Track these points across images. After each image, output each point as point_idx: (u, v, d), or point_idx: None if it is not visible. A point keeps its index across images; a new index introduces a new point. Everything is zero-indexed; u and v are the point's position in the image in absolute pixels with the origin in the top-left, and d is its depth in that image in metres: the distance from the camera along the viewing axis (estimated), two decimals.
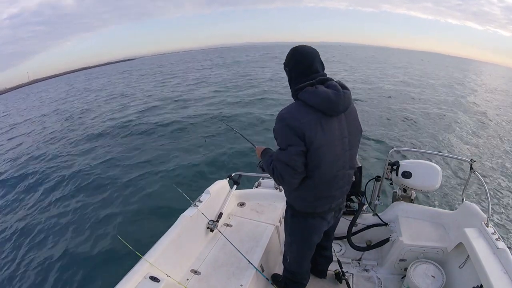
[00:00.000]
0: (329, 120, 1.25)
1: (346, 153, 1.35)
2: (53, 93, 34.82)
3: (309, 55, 1.30)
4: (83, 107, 17.21)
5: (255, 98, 13.36)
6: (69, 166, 7.79)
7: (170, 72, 35.33)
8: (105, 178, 6.61)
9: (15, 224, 5.36)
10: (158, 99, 15.73)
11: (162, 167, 6.76)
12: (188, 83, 21.36)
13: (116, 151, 8.42)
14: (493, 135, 8.83)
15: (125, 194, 5.70)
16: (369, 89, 15.28)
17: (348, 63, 35.54)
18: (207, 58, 61.49)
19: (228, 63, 40.50)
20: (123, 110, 13.86)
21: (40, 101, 27.59)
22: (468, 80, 26.08)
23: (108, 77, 43.30)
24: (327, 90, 1.21)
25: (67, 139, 10.70)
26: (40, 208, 5.84)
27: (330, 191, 1.41)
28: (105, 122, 12.03)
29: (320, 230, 1.57)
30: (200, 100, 14.16)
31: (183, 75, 28.58)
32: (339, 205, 1.55)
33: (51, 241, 4.64)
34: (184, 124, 10.05)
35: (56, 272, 3.89)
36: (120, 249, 3.73)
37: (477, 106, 13.33)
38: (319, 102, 1.21)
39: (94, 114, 14.38)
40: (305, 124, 1.21)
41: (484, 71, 51.08)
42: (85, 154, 8.58)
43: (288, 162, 1.25)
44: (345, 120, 1.31)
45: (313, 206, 1.44)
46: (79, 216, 5.22)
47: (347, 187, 1.49)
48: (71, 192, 6.26)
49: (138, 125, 10.63)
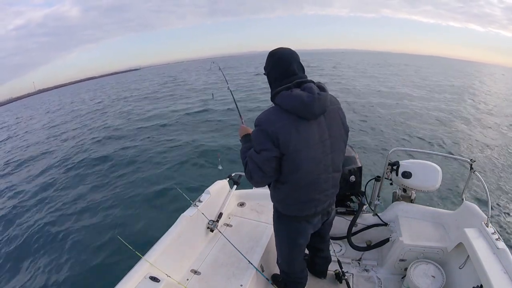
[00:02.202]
0: (306, 124, 1.23)
1: (328, 156, 1.33)
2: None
3: (286, 58, 1.29)
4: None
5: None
6: (67, 165, 7.79)
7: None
8: (105, 178, 6.61)
9: (13, 225, 5.36)
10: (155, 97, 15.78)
11: (162, 167, 6.76)
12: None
13: (115, 150, 8.42)
14: (494, 135, 8.83)
15: (125, 194, 5.70)
16: (378, 92, 15.32)
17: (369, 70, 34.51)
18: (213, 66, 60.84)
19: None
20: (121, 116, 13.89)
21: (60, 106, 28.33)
22: (475, 83, 25.96)
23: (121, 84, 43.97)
24: (301, 93, 1.20)
25: (68, 134, 10.71)
26: (39, 207, 5.84)
27: (313, 195, 1.39)
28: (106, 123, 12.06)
29: (305, 234, 1.56)
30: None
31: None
32: (326, 208, 1.52)
33: (51, 241, 4.63)
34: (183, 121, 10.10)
35: (56, 272, 3.88)
36: (120, 249, 3.72)
37: (478, 107, 13.34)
38: (292, 105, 1.20)
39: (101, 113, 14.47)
40: (279, 128, 1.21)
41: (493, 73, 50.62)
42: (84, 154, 8.59)
43: (260, 165, 1.26)
44: (325, 123, 1.28)
45: (296, 210, 1.44)
46: (79, 215, 5.22)
47: (332, 191, 1.46)
48: (70, 191, 6.26)
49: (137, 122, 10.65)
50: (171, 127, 10.40)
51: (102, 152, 8.51)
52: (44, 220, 5.28)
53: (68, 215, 5.31)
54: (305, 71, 1.32)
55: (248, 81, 23.16)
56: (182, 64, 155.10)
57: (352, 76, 25.21)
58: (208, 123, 10.21)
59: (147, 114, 13.27)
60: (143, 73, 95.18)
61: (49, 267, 3.99)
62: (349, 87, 17.42)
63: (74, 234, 4.67)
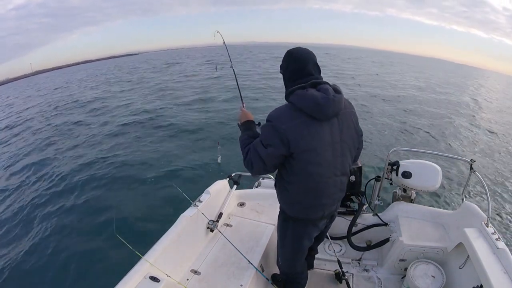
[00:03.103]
0: (319, 125, 1.23)
1: (338, 159, 1.32)
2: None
3: (303, 58, 1.30)
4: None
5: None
6: (65, 163, 7.77)
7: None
8: (104, 178, 6.60)
9: (10, 222, 5.35)
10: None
11: (163, 167, 6.75)
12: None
13: (114, 149, 8.41)
14: (494, 134, 8.83)
15: (125, 193, 5.70)
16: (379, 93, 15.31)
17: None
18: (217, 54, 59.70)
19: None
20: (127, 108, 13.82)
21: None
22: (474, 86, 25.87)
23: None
24: (316, 93, 1.20)
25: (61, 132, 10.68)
26: (38, 207, 5.83)
27: (321, 199, 1.38)
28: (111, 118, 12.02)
29: (311, 236, 1.56)
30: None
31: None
32: (332, 212, 1.51)
33: (50, 240, 4.62)
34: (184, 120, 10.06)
35: (56, 271, 3.88)
36: (120, 249, 3.71)
37: (479, 108, 13.33)
38: (306, 105, 1.20)
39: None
40: (290, 127, 1.21)
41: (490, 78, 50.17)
42: (83, 151, 8.57)
43: (263, 158, 1.27)
44: (338, 125, 1.28)
45: (305, 213, 1.43)
46: (79, 215, 5.21)
47: (339, 194, 1.45)
48: (70, 191, 6.25)
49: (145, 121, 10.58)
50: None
51: (101, 150, 8.50)
52: (42, 219, 5.28)
53: (67, 214, 5.30)
54: (321, 72, 1.32)
55: (248, 71, 22.98)
56: (183, 51, 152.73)
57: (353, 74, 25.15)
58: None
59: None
60: (141, 58, 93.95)
61: (48, 267, 3.98)
62: (350, 88, 17.39)
63: (73, 234, 4.67)
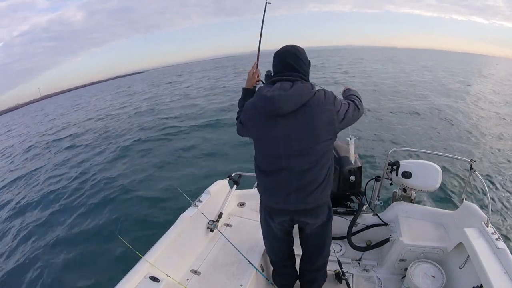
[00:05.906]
0: (270, 118, 1.28)
1: (293, 158, 1.29)
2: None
3: (278, 56, 1.35)
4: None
5: None
6: (69, 166, 7.80)
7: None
8: (104, 178, 6.61)
9: (14, 222, 5.36)
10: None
11: (163, 167, 6.76)
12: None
13: (115, 151, 8.42)
14: (494, 134, 8.82)
15: (125, 194, 5.70)
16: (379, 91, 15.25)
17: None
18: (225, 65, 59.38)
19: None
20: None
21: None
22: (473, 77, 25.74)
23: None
24: (267, 90, 1.26)
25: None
26: (38, 206, 5.84)
27: (272, 189, 1.42)
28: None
29: (272, 229, 1.59)
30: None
31: None
32: (294, 215, 1.43)
33: (50, 240, 4.63)
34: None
35: (56, 271, 3.88)
36: (120, 249, 3.73)
37: (479, 106, 13.31)
38: (255, 100, 1.34)
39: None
40: (250, 114, 1.37)
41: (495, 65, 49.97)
42: (87, 156, 8.59)
43: (238, 130, 1.50)
44: (294, 122, 1.24)
45: (264, 198, 1.53)
46: (79, 215, 5.22)
47: (297, 195, 1.36)
48: (70, 191, 6.26)
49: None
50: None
51: (101, 153, 8.52)
52: (42, 219, 5.28)
53: (67, 214, 5.31)
54: (295, 69, 1.30)
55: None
56: (187, 65, 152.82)
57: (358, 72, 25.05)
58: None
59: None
60: (145, 76, 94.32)
61: (48, 266, 3.99)
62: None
63: (74, 234, 4.68)
